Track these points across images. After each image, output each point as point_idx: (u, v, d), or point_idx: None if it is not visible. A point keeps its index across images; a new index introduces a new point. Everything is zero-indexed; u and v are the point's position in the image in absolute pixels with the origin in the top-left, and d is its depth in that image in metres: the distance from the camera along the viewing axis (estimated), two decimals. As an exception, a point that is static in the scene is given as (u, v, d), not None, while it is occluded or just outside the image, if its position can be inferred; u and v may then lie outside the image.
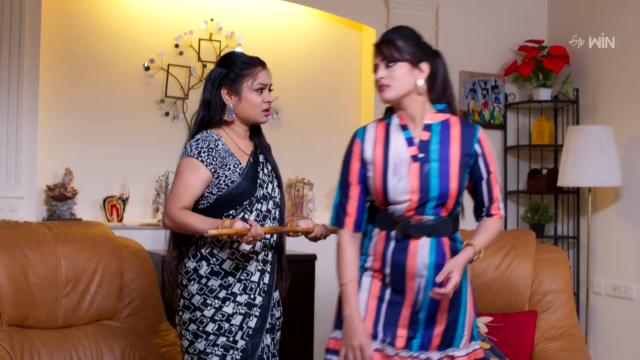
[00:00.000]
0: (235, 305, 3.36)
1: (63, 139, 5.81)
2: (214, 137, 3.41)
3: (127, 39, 6.00)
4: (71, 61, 5.85)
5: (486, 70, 6.79)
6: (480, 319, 4.60)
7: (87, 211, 5.84)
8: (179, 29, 6.09)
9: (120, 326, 4.31)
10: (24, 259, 4.07)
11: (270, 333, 3.48)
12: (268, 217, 3.43)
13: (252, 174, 3.43)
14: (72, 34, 5.86)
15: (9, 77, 5.43)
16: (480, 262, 4.71)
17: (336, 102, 6.70)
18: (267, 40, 6.39)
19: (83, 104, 5.87)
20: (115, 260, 4.36)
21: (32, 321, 4.07)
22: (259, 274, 3.41)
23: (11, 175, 5.46)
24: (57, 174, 5.73)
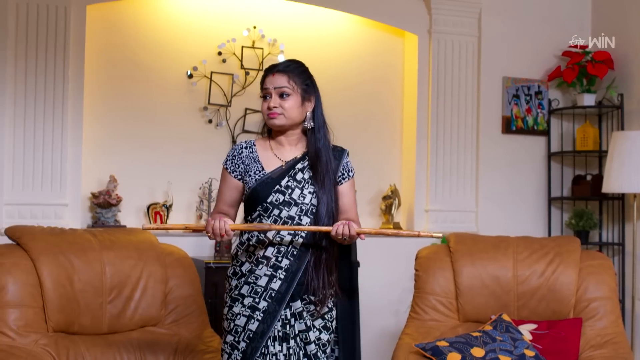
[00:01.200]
0: (241, 307, 3.40)
1: (107, 146, 5.86)
2: (241, 146, 3.52)
3: (170, 47, 6.04)
4: (115, 69, 5.91)
5: (529, 75, 6.76)
6: (524, 326, 4.57)
7: (131, 218, 5.89)
8: (221, 36, 6.13)
9: (165, 333, 4.32)
10: (69, 265, 4.11)
11: (285, 342, 3.41)
12: (290, 223, 3.39)
13: (272, 179, 3.42)
14: (116, 43, 5.92)
15: (54, 86, 5.50)
16: (524, 269, 4.74)
17: (378, 109, 6.70)
18: (309, 48, 6.40)
19: (127, 111, 5.93)
20: (160, 266, 4.39)
21: (78, 327, 4.11)
22: (266, 279, 3.39)
23: (56, 183, 5.53)
24: (101, 181, 5.79)
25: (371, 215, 6.60)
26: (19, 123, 5.44)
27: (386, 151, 6.72)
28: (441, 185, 6.54)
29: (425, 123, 6.53)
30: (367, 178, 6.54)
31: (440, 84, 6.54)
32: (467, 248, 4.85)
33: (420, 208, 6.52)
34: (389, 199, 6.45)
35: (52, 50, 5.51)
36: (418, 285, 4.85)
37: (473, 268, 4.77)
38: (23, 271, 4.00)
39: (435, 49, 6.53)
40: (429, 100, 6.52)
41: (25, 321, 3.93)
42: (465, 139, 6.60)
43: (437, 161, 6.52)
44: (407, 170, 6.64)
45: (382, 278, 6.17)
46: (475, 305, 4.73)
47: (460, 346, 4.26)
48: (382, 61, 6.71)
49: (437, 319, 4.74)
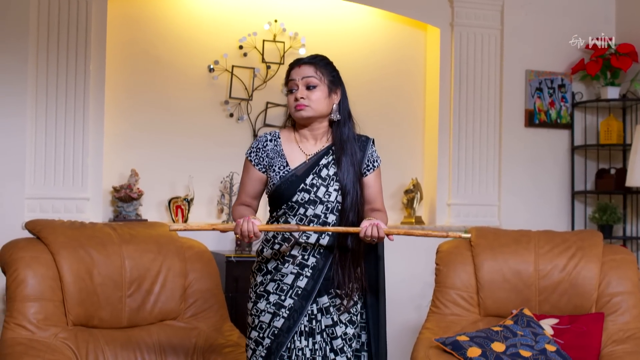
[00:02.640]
0: (266, 303, 3.39)
1: (129, 140, 5.88)
2: (265, 138, 3.48)
3: (191, 41, 6.04)
4: (136, 64, 5.92)
5: (552, 69, 6.71)
6: (545, 320, 4.53)
7: (152, 212, 5.90)
8: (242, 30, 6.12)
9: (184, 326, 4.32)
10: (89, 259, 4.11)
11: (311, 337, 3.39)
12: (316, 222, 3.36)
13: (297, 177, 3.38)
14: (137, 37, 5.92)
15: (75, 80, 5.52)
16: (545, 263, 4.69)
17: (400, 103, 6.67)
18: (330, 41, 6.38)
19: (148, 105, 5.94)
20: (179, 260, 4.39)
21: (97, 321, 4.11)
22: (292, 276, 3.37)
23: (78, 177, 5.54)
24: (123, 175, 5.80)
25: (393, 209, 6.57)
26: (40, 117, 5.45)
27: (408, 145, 6.69)
28: (463, 179, 6.51)
29: (447, 117, 6.49)
30: (388, 172, 6.48)
31: (463, 77, 6.51)
32: (488, 242, 4.81)
33: (442, 202, 6.49)
34: (411, 193, 6.42)
35: (73, 45, 5.53)
36: (439, 279, 4.82)
37: (494, 262, 4.73)
38: (43, 265, 4.01)
39: (457, 42, 6.49)
40: (451, 94, 6.49)
41: (45, 315, 3.93)
42: (487, 133, 6.56)
43: (459, 155, 6.49)
44: (429, 164, 6.61)
45: (404, 272, 6.14)
46: (496, 300, 4.70)
47: (480, 341, 4.23)
48: (404, 55, 6.68)
49: (457, 314, 4.71)
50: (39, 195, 5.45)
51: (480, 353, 4.15)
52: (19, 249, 4.05)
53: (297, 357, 3.36)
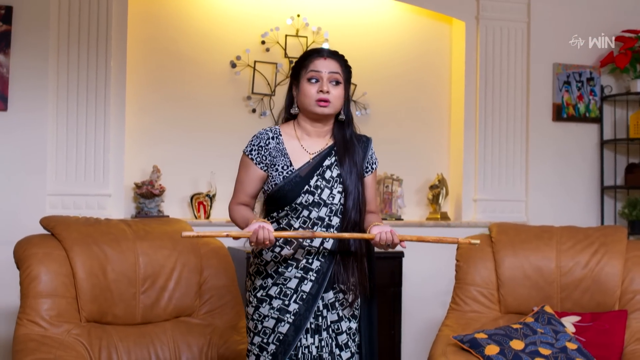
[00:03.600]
0: (269, 308, 3.31)
1: (151, 136, 5.87)
2: (267, 135, 3.36)
3: (213, 37, 6.02)
4: (158, 59, 5.91)
5: (581, 62, 6.60)
6: (567, 318, 4.45)
7: (174, 208, 5.89)
8: (265, 25, 6.09)
9: (199, 323, 4.30)
10: (102, 255, 4.09)
11: (317, 334, 3.34)
12: (320, 224, 3.31)
13: (301, 178, 3.31)
14: (159, 33, 5.92)
15: (96, 77, 5.52)
16: (567, 260, 4.61)
17: (426, 97, 6.61)
18: (354, 35, 6.34)
19: (170, 101, 5.93)
20: (194, 257, 4.36)
21: (111, 317, 4.09)
22: (297, 280, 3.30)
23: (99, 174, 5.55)
24: (145, 171, 5.80)
25: (418, 204, 6.51)
26: (61, 114, 5.46)
27: (433, 140, 6.62)
28: (489, 175, 6.42)
29: (473, 111, 6.41)
30: (413, 167, 6.47)
31: (489, 71, 6.42)
32: (509, 238, 4.73)
33: (468, 198, 6.41)
34: (436, 189, 6.35)
35: (94, 41, 5.53)
36: (459, 275, 4.75)
37: (515, 258, 4.65)
38: (56, 261, 3.99)
39: (483, 36, 6.40)
40: (477, 88, 6.40)
41: (58, 311, 3.92)
42: (514, 127, 6.47)
43: (485, 150, 6.40)
44: (455, 159, 6.53)
45: (428, 269, 6.08)
46: (517, 297, 4.62)
47: (499, 338, 4.16)
48: (429, 48, 6.61)
49: (477, 311, 4.64)
50: (60, 192, 5.46)
51: (498, 351, 4.07)
52: (32, 245, 4.04)
53: (304, 355, 3.32)
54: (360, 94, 6.28)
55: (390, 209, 6.25)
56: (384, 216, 6.23)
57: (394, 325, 5.66)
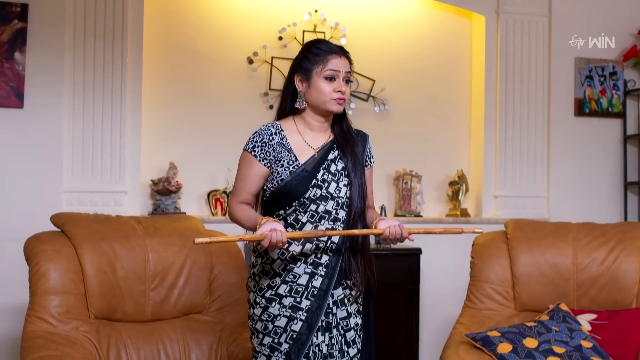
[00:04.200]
0: (280, 307, 3.26)
1: (168, 133, 5.87)
2: (270, 131, 3.32)
3: (230, 33, 6.00)
4: (174, 56, 5.90)
5: (603, 56, 6.51)
6: (583, 316, 4.38)
7: (191, 205, 5.88)
8: (282, 21, 6.06)
9: (209, 320, 4.28)
10: (111, 252, 4.08)
11: (327, 332, 3.29)
12: (327, 218, 3.27)
13: (308, 172, 3.28)
14: (175, 30, 5.91)
15: (112, 74, 5.52)
16: (583, 256, 4.54)
17: (445, 92, 6.54)
18: (373, 31, 6.30)
19: (187, 98, 5.92)
20: (204, 254, 4.33)
21: (120, 314, 4.08)
22: (307, 277, 3.26)
23: (115, 170, 5.55)
24: (162, 168, 5.79)
25: (438, 201, 6.46)
26: (77, 111, 5.47)
27: (453, 135, 6.55)
28: (510, 170, 6.35)
29: (493, 106, 6.34)
30: (433, 163, 6.41)
31: (509, 65, 6.34)
32: (525, 235, 4.67)
33: (489, 194, 6.34)
34: (456, 185, 6.29)
35: (109, 38, 5.53)
36: (473, 273, 4.70)
37: (530, 255, 4.59)
38: (65, 258, 3.99)
39: (503, 30, 6.33)
40: (497, 83, 6.33)
41: (66, 308, 3.91)
42: (535, 123, 6.39)
43: (505, 145, 6.33)
44: (475, 155, 6.47)
45: (448, 265, 6.02)
46: (533, 294, 4.55)
47: (512, 336, 4.10)
48: (449, 43, 6.55)
49: (492, 308, 4.58)
50: (76, 189, 5.47)
51: (510, 349, 4.02)
52: (41, 242, 4.04)
53: (314, 353, 3.27)
54: (379, 89, 6.24)
55: (409, 205, 6.20)
56: (402, 213, 6.18)
57: (411, 323, 5.62)
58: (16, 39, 5.32)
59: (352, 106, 6.18)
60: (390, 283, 5.60)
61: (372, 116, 6.29)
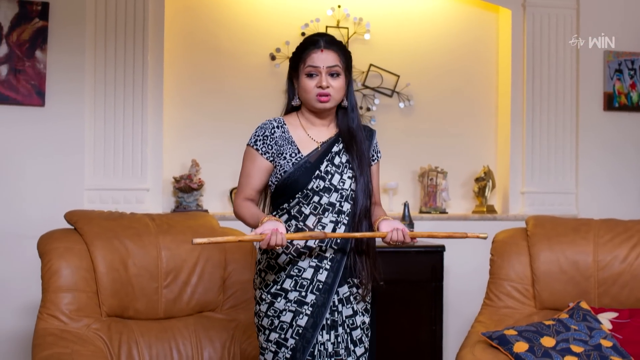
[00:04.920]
0: (285, 302, 3.23)
1: (190, 130, 5.87)
2: (272, 125, 3.32)
3: (252, 29, 5.98)
4: (195, 53, 5.90)
5: (633, 48, 6.38)
6: (604, 314, 4.29)
7: (214, 202, 5.87)
8: (305, 17, 6.03)
9: (222, 318, 4.25)
10: (123, 250, 4.08)
11: (333, 330, 3.26)
12: (331, 210, 3.24)
13: (311, 164, 3.24)
14: (196, 26, 5.90)
15: (133, 71, 5.53)
16: (605, 253, 4.45)
17: (471, 87, 6.46)
18: (397, 26, 6.25)
19: (210, 95, 5.91)
20: (218, 251, 4.31)
21: (133, 312, 4.08)
22: (312, 270, 3.23)
23: (137, 168, 5.56)
24: (185, 165, 5.79)
25: (464, 198, 6.38)
26: (98, 109, 5.49)
27: (479, 131, 6.47)
28: (538, 166, 6.25)
29: (520, 101, 6.24)
30: (459, 159, 6.34)
31: (536, 60, 6.24)
32: (545, 231, 4.58)
33: (516, 190, 6.25)
34: (482, 181, 6.20)
35: (130, 36, 5.54)
36: (492, 270, 4.62)
37: (550, 252, 4.50)
38: (76, 255, 3.99)
39: (530, 24, 6.23)
40: (524, 78, 6.23)
41: (78, 305, 3.92)
42: (563, 117, 6.28)
43: (533, 141, 6.23)
44: (502, 151, 6.38)
45: (473, 262, 5.92)
46: (553, 292, 4.46)
47: (529, 335, 4.02)
48: (474, 38, 6.46)
49: (511, 306, 4.50)
50: (98, 186, 5.49)
51: (527, 348, 3.94)
52: (53, 240, 4.05)
53: (320, 352, 3.23)
54: (404, 85, 6.18)
55: (434, 202, 6.13)
56: (427, 209, 6.12)
57: (435, 321, 5.55)
58: (37, 37, 5.34)
59: (376, 102, 6.13)
60: (413, 281, 5.54)
61: (396, 112, 6.23)
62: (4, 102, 5.30)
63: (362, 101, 6.13)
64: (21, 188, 5.36)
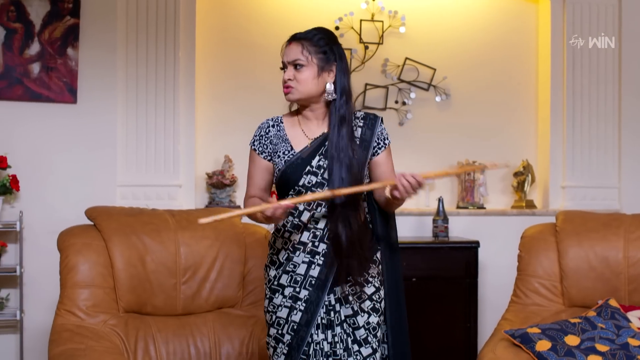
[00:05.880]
0: (282, 298, 3.23)
1: (224, 126, 5.85)
2: (267, 124, 3.36)
3: (284, 24, 5.94)
4: (229, 49, 5.88)
5: (678, 37, 6.20)
6: (634, 312, 4.16)
7: (247, 198, 5.84)
8: (338, 10, 5.98)
9: (242, 314, 4.23)
10: (141, 245, 4.08)
11: (330, 330, 3.21)
12: (324, 205, 3.18)
13: (303, 160, 3.21)
14: (228, 22, 5.89)
15: (165, 68, 5.54)
16: (636, 250, 4.34)
17: (510, 79, 6.35)
18: (433, 18, 6.16)
19: (242, 90, 5.89)
20: (238, 247, 4.29)
21: (151, 308, 4.08)
22: (305, 266, 3.20)
23: (169, 164, 5.56)
24: (218, 161, 5.78)
25: (503, 192, 6.27)
26: (130, 106, 5.51)
27: (518, 124, 6.34)
28: (579, 160, 6.11)
29: (560, 93, 6.11)
30: (498, 153, 6.22)
31: (577, 51, 6.09)
32: (574, 227, 4.46)
33: (556, 184, 6.12)
34: (521, 175, 6.08)
35: (162, 32, 5.54)
36: (520, 266, 4.53)
37: (579, 249, 4.38)
38: (94, 251, 4.01)
39: (570, 14, 6.09)
40: (564, 69, 6.10)
41: (94, 301, 3.93)
42: (605, 109, 6.13)
43: (574, 133, 6.10)
44: (542, 144, 6.25)
45: (510, 257, 5.80)
46: (581, 289, 4.35)
47: (553, 333, 3.91)
48: (513, 29, 6.34)
49: (539, 304, 4.40)
50: (130, 183, 5.51)
51: (549, 347, 3.83)
52: (72, 236, 4.07)
53: (315, 351, 3.20)
54: (440, 78, 6.09)
55: (472, 197, 6.03)
56: (465, 205, 6.02)
57: (469, 318, 5.48)
58: (69, 35, 5.37)
59: (412, 96, 6.04)
60: (447, 277, 5.48)
61: (433, 106, 6.14)
62: (37, 100, 5.34)
63: (397, 95, 6.06)
64: (53, 185, 5.41)
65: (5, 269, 5.21)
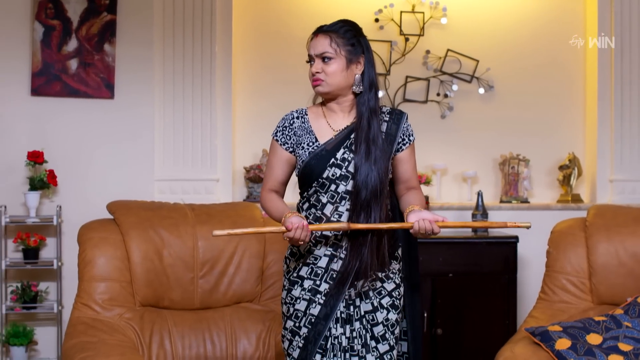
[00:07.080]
0: (301, 290, 3.20)
1: (262, 120, 5.84)
2: (292, 116, 3.33)
3: (323, 16, 5.78)
4: (264, 42, 5.88)
5: None
6: (660, 311, 4.01)
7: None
8: (378, 2, 5.93)
9: (260, 309, 4.21)
10: (158, 240, 4.09)
11: (348, 324, 3.18)
12: (347, 198, 3.16)
13: (327, 152, 3.17)
14: (265, 15, 5.88)
15: (201, 63, 5.56)
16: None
17: (555, 70, 6.18)
18: (475, 8, 6.05)
19: (281, 84, 5.88)
20: (257, 242, 4.27)
21: (168, 302, 4.09)
22: (327, 259, 3.18)
23: (206, 159, 5.58)
24: (256, 155, 5.78)
25: (550, 186, 6.11)
26: (167, 101, 5.54)
27: (564, 116, 6.17)
28: (628, 152, 5.92)
29: (608, 83, 5.92)
30: (543, 146, 6.08)
31: (625, 39, 5.90)
32: (604, 222, 4.32)
33: (604, 178, 5.94)
34: (567, 169, 5.92)
35: (198, 28, 5.56)
36: (548, 263, 4.41)
37: (609, 244, 4.24)
38: (111, 245, 4.04)
39: (618, 2, 5.88)
40: (611, 58, 5.91)
41: (111, 295, 3.97)
42: (655, 99, 5.93)
43: (622, 125, 5.91)
44: (589, 137, 6.07)
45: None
46: (610, 286, 4.21)
47: (574, 332, 3.79)
48: (557, 18, 6.17)
49: (566, 301, 4.27)
50: (168, 177, 5.55)
51: (569, 345, 3.71)
52: (90, 230, 4.11)
53: (333, 345, 3.17)
54: (484, 70, 5.97)
55: (515, 191, 5.90)
56: (508, 199, 5.90)
57: (508, 315, 5.36)
58: (106, 30, 5.43)
59: (454, 88, 5.94)
60: (484, 273, 5.37)
61: (476, 98, 6.02)
62: (74, 95, 5.42)
63: (439, 87, 5.97)
64: (91, 180, 5.48)
65: (44, 262, 5.29)
